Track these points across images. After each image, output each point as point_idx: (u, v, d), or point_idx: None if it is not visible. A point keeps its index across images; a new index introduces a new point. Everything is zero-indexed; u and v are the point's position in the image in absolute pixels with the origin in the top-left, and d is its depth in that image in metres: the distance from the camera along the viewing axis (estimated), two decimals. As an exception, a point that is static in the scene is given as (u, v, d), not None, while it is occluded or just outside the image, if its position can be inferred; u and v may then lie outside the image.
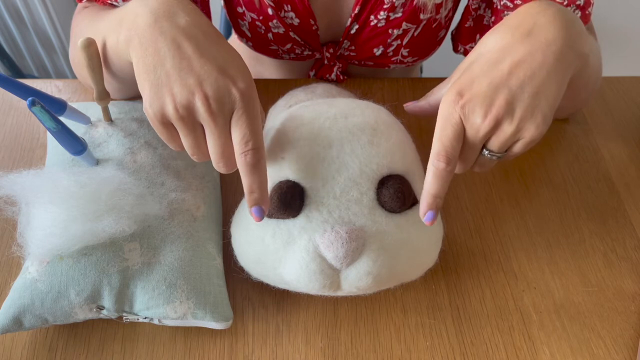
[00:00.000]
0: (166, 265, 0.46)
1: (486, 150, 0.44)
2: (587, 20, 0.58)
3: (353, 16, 0.65)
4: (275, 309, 0.50)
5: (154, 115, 0.43)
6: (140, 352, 0.47)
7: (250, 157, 0.42)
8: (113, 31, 0.48)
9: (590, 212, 0.58)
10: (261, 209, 0.43)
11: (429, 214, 0.43)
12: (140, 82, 0.44)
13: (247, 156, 0.42)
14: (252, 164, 0.42)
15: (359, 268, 0.42)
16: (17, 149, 0.61)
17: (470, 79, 0.43)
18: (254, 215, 0.43)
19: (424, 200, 0.43)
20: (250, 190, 0.43)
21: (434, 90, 0.50)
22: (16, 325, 0.45)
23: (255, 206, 0.43)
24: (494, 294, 0.51)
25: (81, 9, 0.62)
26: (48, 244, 0.44)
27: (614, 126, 0.66)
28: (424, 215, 0.43)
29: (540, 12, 0.45)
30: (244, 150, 0.42)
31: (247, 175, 0.42)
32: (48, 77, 1.46)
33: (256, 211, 0.43)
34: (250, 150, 0.42)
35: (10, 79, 0.48)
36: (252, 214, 0.43)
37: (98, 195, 0.45)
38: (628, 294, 0.52)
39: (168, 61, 0.42)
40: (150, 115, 0.43)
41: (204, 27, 0.44)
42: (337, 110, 0.47)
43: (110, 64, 0.52)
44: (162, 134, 0.45)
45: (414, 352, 0.48)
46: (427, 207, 0.43)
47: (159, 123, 0.43)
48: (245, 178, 0.42)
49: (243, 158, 0.42)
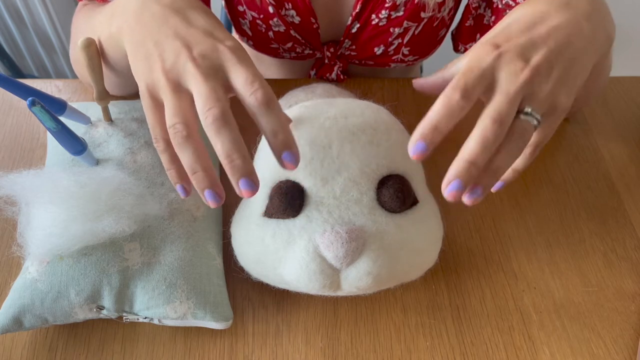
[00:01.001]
0: (166, 265, 0.46)
1: (522, 114, 0.39)
2: None
3: (354, 15, 0.65)
4: (275, 309, 0.50)
5: (146, 87, 0.41)
6: (140, 352, 0.47)
7: (261, 95, 0.38)
8: (106, 24, 0.48)
9: (590, 212, 0.58)
10: (292, 154, 0.38)
11: (419, 144, 0.37)
12: (132, 63, 0.43)
13: (257, 94, 0.38)
14: (265, 102, 0.38)
15: (359, 268, 0.42)
16: (17, 149, 0.61)
17: (507, 35, 0.41)
18: (287, 162, 0.38)
19: (420, 128, 0.37)
20: (273, 133, 0.38)
21: (448, 66, 0.45)
22: (16, 325, 0.45)
23: (287, 151, 0.38)
24: (494, 294, 0.51)
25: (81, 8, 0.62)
26: (48, 244, 0.44)
27: (614, 126, 0.66)
28: (413, 144, 0.37)
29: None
30: (252, 90, 0.38)
31: (264, 116, 0.38)
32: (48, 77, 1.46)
33: (288, 157, 0.38)
34: (258, 89, 0.38)
35: (10, 79, 0.48)
36: (283, 163, 0.38)
37: (98, 195, 0.45)
38: (628, 294, 0.52)
39: (155, 33, 0.42)
40: (142, 89, 0.42)
41: (190, 2, 0.44)
42: (337, 110, 0.47)
43: (107, 58, 0.52)
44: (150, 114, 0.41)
45: (414, 352, 0.48)
46: (419, 136, 0.37)
47: (149, 97, 0.41)
48: (263, 121, 0.38)
49: (254, 99, 0.38)
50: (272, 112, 0.38)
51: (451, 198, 0.37)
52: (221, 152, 0.37)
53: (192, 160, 0.38)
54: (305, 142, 0.45)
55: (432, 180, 0.57)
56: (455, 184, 0.36)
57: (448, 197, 0.37)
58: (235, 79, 0.39)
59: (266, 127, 0.38)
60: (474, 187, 0.37)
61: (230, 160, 0.37)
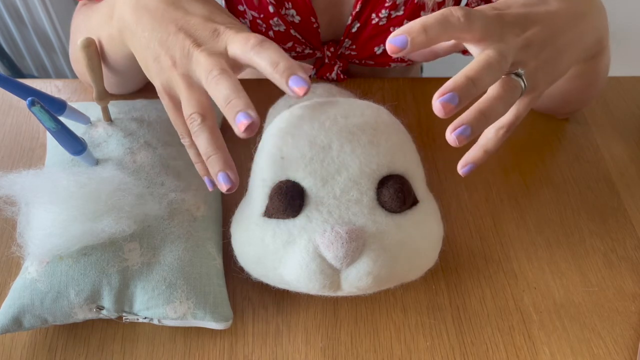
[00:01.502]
0: (166, 265, 0.46)
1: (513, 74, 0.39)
2: None
3: (354, 14, 0.65)
4: (275, 309, 0.50)
5: (162, 87, 0.43)
6: (140, 352, 0.47)
7: (254, 39, 0.39)
8: (105, 26, 0.49)
9: (590, 212, 0.58)
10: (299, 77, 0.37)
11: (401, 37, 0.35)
12: (144, 66, 0.45)
13: (250, 42, 0.39)
14: (258, 43, 0.39)
15: (359, 268, 0.42)
16: (17, 149, 0.61)
17: (507, 3, 0.41)
18: (296, 88, 0.37)
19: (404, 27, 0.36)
20: (273, 64, 0.38)
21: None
22: (16, 326, 0.44)
23: (292, 76, 0.37)
24: (494, 294, 0.51)
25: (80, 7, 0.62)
26: (48, 244, 0.44)
27: (614, 126, 0.66)
28: (390, 39, 0.36)
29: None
30: (247, 43, 0.39)
31: (260, 54, 0.38)
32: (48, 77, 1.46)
33: (295, 81, 0.37)
34: (252, 38, 0.39)
35: (10, 78, 0.48)
36: (293, 90, 0.37)
37: (98, 195, 0.45)
38: (628, 294, 0.52)
39: (156, 33, 0.43)
40: (159, 89, 0.43)
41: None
42: (337, 110, 0.47)
43: (107, 58, 0.52)
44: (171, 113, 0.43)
45: (414, 352, 0.48)
46: (401, 31, 0.36)
47: (167, 97, 0.43)
48: (259, 60, 0.38)
49: (249, 46, 0.39)
50: (265, 47, 0.38)
51: (443, 111, 0.35)
52: (220, 100, 0.38)
53: (207, 144, 0.40)
54: (305, 142, 0.45)
55: (432, 180, 0.57)
56: (450, 95, 0.35)
57: (439, 109, 0.35)
58: (234, 47, 0.40)
59: (265, 64, 0.38)
60: (463, 125, 0.36)
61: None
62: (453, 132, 0.36)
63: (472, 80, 0.35)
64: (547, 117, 0.66)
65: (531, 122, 0.66)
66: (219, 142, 0.40)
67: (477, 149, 0.42)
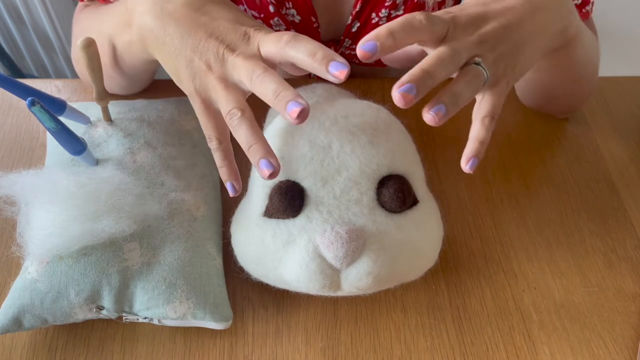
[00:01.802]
0: (166, 265, 0.46)
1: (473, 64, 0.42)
2: (585, 17, 0.59)
3: (354, 14, 0.65)
4: (275, 309, 0.50)
5: (195, 91, 0.44)
6: (140, 352, 0.47)
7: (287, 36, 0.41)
8: (123, 31, 0.49)
9: (590, 212, 0.58)
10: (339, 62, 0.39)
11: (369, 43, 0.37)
12: (173, 73, 0.46)
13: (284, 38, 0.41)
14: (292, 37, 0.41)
15: (359, 268, 0.42)
16: (17, 149, 0.61)
17: (461, 6, 0.43)
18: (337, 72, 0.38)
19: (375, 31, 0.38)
20: (311, 54, 0.39)
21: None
22: (16, 326, 0.44)
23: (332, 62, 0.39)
24: (494, 294, 0.51)
25: (82, 8, 0.62)
26: (48, 244, 0.44)
27: (614, 126, 0.66)
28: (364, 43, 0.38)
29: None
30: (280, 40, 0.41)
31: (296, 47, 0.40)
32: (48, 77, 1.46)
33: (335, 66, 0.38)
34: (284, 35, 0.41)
35: (10, 78, 0.48)
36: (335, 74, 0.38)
37: (98, 195, 0.45)
38: (628, 294, 0.52)
39: (186, 39, 0.44)
40: (192, 93, 0.44)
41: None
42: (337, 110, 0.47)
43: (121, 64, 0.53)
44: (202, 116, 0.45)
45: (414, 352, 0.47)
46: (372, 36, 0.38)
47: (200, 101, 0.44)
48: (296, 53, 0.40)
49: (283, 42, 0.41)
50: (300, 41, 0.40)
51: (402, 100, 0.37)
52: (269, 94, 0.40)
53: (248, 135, 0.41)
54: (305, 142, 0.45)
55: (432, 180, 0.57)
56: (408, 86, 0.37)
57: (399, 99, 0.37)
58: (267, 46, 0.42)
59: (302, 55, 0.40)
60: (437, 103, 0.38)
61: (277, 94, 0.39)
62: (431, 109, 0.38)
63: (427, 72, 0.38)
64: (547, 117, 0.66)
65: (531, 122, 0.66)
66: (259, 133, 0.42)
67: (471, 142, 0.43)
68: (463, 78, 0.40)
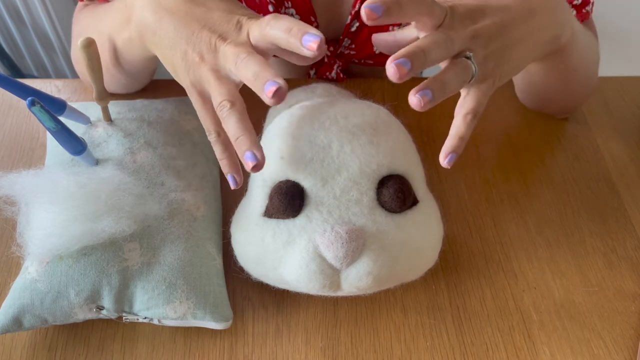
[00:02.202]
0: (166, 265, 0.46)
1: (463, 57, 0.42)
2: (585, 18, 0.59)
3: (353, 13, 0.65)
4: (275, 309, 0.50)
5: (191, 84, 0.44)
6: (140, 352, 0.47)
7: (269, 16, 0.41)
8: (123, 29, 0.49)
9: (590, 212, 0.58)
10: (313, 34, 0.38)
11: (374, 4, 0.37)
12: (169, 66, 0.46)
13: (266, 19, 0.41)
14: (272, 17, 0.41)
15: (359, 268, 0.42)
16: (17, 149, 0.61)
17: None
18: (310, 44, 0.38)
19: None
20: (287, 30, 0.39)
21: (404, 27, 0.48)
22: (16, 326, 0.44)
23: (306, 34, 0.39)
24: (494, 294, 0.51)
25: (82, 8, 0.62)
26: (48, 244, 0.44)
27: (614, 126, 0.66)
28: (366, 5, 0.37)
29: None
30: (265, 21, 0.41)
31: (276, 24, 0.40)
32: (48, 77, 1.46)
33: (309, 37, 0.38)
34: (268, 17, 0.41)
35: (10, 78, 0.48)
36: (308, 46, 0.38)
37: (98, 195, 0.45)
38: (628, 294, 0.52)
39: (181, 32, 0.44)
40: (188, 86, 0.45)
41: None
42: (337, 110, 0.47)
43: (121, 61, 0.53)
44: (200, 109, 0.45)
45: (414, 352, 0.47)
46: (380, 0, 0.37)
47: (196, 93, 0.44)
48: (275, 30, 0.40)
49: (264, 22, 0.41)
50: (279, 20, 0.40)
51: (397, 72, 0.37)
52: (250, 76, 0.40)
53: (235, 126, 0.41)
54: (305, 142, 0.45)
55: (432, 180, 0.57)
56: (403, 59, 0.37)
57: (394, 70, 0.37)
58: (254, 33, 0.42)
59: (280, 33, 0.40)
60: (424, 88, 0.39)
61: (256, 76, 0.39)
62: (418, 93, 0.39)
63: (422, 50, 0.38)
64: (547, 117, 0.66)
65: (531, 122, 0.66)
66: (247, 124, 0.42)
67: (451, 138, 0.44)
68: (452, 68, 0.41)
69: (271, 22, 0.41)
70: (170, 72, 0.47)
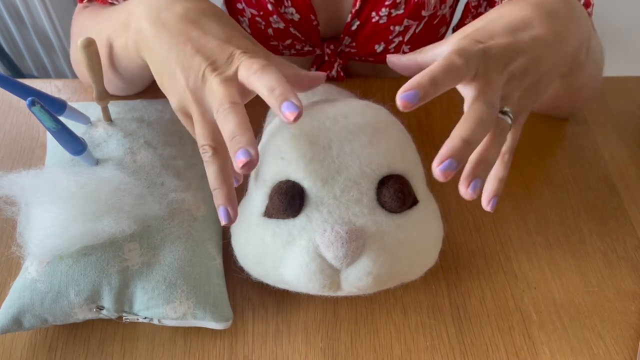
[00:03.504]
0: (166, 265, 0.46)
1: (500, 113, 0.40)
2: None
3: (354, 12, 0.65)
4: (275, 309, 0.50)
5: (177, 105, 0.44)
6: (140, 352, 0.47)
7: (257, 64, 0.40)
8: (121, 34, 0.49)
9: (590, 212, 0.58)
10: (292, 103, 0.37)
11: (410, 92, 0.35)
12: (159, 81, 0.46)
13: (253, 67, 0.40)
14: (260, 68, 0.39)
15: (359, 268, 0.42)
16: (17, 149, 0.61)
17: (490, 33, 0.41)
18: (288, 113, 0.37)
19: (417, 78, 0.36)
20: (270, 89, 0.38)
21: (425, 49, 0.45)
22: (16, 326, 0.44)
23: (285, 102, 0.37)
24: (494, 294, 0.51)
25: (81, 9, 0.62)
26: (48, 244, 0.44)
27: (614, 126, 0.66)
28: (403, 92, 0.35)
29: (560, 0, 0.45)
30: (252, 68, 0.40)
31: (260, 79, 0.39)
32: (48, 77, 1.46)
33: (288, 106, 0.37)
34: (255, 63, 0.40)
35: (10, 78, 0.48)
36: (285, 115, 0.37)
37: (98, 195, 0.45)
38: (628, 294, 0.52)
39: (174, 51, 0.43)
40: (174, 106, 0.44)
41: (203, 9, 0.46)
42: (337, 110, 0.47)
43: (117, 66, 0.53)
44: (189, 128, 0.45)
45: (414, 352, 0.47)
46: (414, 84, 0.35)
47: (183, 114, 0.44)
48: (259, 84, 0.39)
49: (252, 71, 0.40)
50: (265, 73, 0.39)
51: (442, 177, 0.35)
52: (227, 134, 0.38)
53: (213, 177, 0.41)
54: (305, 142, 0.45)
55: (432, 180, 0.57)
56: (448, 162, 0.35)
57: (439, 175, 0.35)
58: (241, 72, 0.41)
59: (262, 88, 0.38)
60: (472, 179, 0.37)
61: (233, 137, 0.38)
62: (469, 188, 0.37)
63: (468, 141, 0.35)
64: (547, 117, 0.66)
65: (531, 122, 0.65)
66: (226, 175, 0.41)
67: (492, 180, 0.43)
68: (494, 138, 0.38)
69: (258, 72, 0.39)
70: (158, 84, 0.46)
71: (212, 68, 0.42)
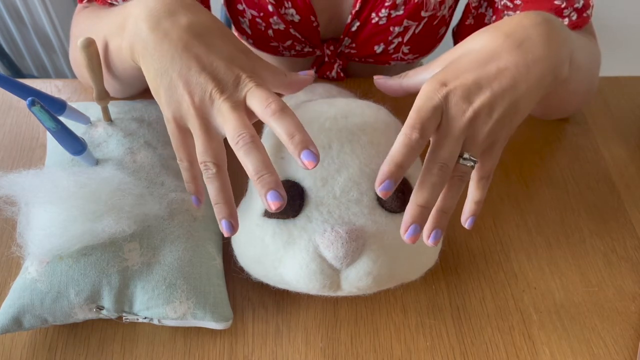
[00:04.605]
0: (166, 265, 0.46)
1: (461, 159, 0.42)
2: (586, 22, 0.58)
3: (354, 13, 0.65)
4: (275, 309, 0.50)
5: (172, 117, 0.44)
6: (140, 352, 0.47)
7: (275, 105, 0.40)
8: (116, 35, 0.48)
9: (590, 212, 0.58)
10: (311, 152, 0.39)
11: (386, 183, 0.39)
12: (153, 88, 0.45)
13: (271, 106, 0.40)
14: (278, 110, 0.40)
15: (359, 268, 0.42)
16: (17, 149, 0.61)
17: (455, 72, 0.42)
18: (307, 161, 0.39)
19: (385, 167, 0.39)
20: (289, 134, 0.39)
21: (409, 73, 0.48)
22: (16, 326, 0.44)
23: (305, 150, 0.39)
24: (494, 294, 0.51)
25: (81, 9, 0.62)
26: (48, 244, 0.44)
27: (614, 126, 0.66)
28: (380, 184, 0.39)
29: (534, 26, 0.44)
30: (266, 104, 0.41)
31: (279, 122, 0.40)
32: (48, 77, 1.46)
33: (307, 155, 0.39)
34: (272, 102, 0.41)
35: (10, 78, 0.48)
36: (304, 163, 0.39)
37: (98, 195, 0.45)
38: (628, 294, 0.52)
39: (176, 64, 0.43)
40: (168, 117, 0.44)
41: (207, 23, 0.45)
42: (337, 110, 0.47)
43: (112, 67, 0.52)
44: (175, 139, 0.45)
45: (414, 352, 0.48)
46: (386, 175, 0.39)
47: (175, 126, 0.44)
48: (278, 127, 0.40)
49: (269, 110, 0.40)
50: (285, 117, 0.40)
51: (411, 242, 0.40)
52: (251, 171, 0.40)
53: (217, 194, 0.42)
54: (305, 142, 0.45)
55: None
56: (413, 228, 0.39)
57: (408, 240, 0.40)
58: (252, 102, 0.42)
59: (282, 132, 0.40)
60: (434, 229, 0.41)
61: (260, 176, 0.39)
62: (430, 238, 0.41)
63: (425, 206, 0.39)
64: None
65: (531, 122, 0.66)
66: (228, 193, 0.42)
67: (469, 203, 0.45)
68: (452, 188, 0.41)
69: (276, 115, 0.40)
70: (151, 91, 0.45)
71: (219, 90, 0.42)
